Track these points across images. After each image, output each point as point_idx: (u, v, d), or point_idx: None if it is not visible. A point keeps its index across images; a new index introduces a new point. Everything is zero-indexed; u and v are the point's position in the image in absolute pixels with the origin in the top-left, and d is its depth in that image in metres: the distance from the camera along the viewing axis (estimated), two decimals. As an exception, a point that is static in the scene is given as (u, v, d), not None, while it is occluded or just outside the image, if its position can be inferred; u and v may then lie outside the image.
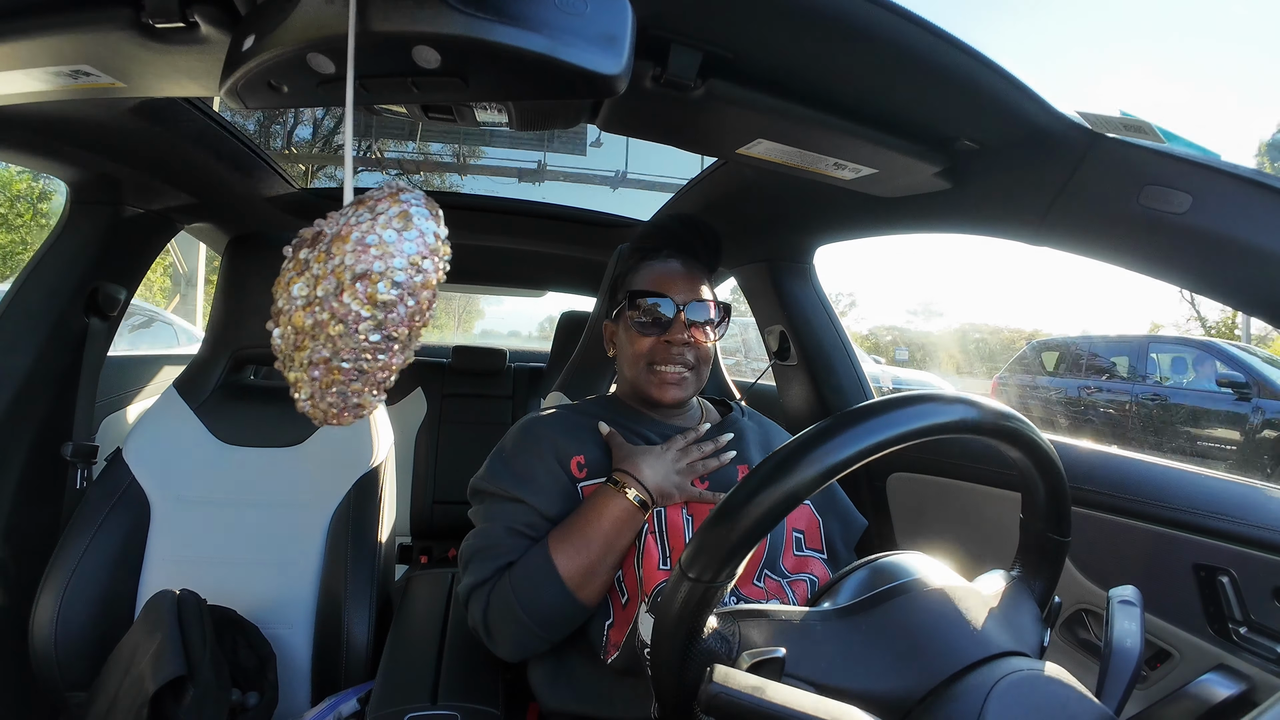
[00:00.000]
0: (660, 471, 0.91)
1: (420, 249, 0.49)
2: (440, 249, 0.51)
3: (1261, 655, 0.82)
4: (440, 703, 0.93)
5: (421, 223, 0.50)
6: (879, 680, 0.54)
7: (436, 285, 0.52)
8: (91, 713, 1.03)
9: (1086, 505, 1.01)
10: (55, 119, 0.99)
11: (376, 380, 0.52)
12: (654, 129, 0.85)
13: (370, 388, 0.52)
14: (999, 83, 0.70)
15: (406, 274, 0.49)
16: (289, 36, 0.52)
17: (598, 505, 0.88)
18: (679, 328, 0.99)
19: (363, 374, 0.51)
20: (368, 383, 0.52)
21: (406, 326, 0.50)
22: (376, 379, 0.52)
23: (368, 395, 0.53)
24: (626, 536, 0.87)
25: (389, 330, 0.49)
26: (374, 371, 0.51)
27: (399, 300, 0.49)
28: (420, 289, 0.49)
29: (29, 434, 1.23)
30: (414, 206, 0.50)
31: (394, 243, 0.48)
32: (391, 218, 0.49)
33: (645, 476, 0.89)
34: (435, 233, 0.51)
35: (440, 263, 0.51)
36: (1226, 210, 0.70)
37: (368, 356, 0.50)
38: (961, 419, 0.55)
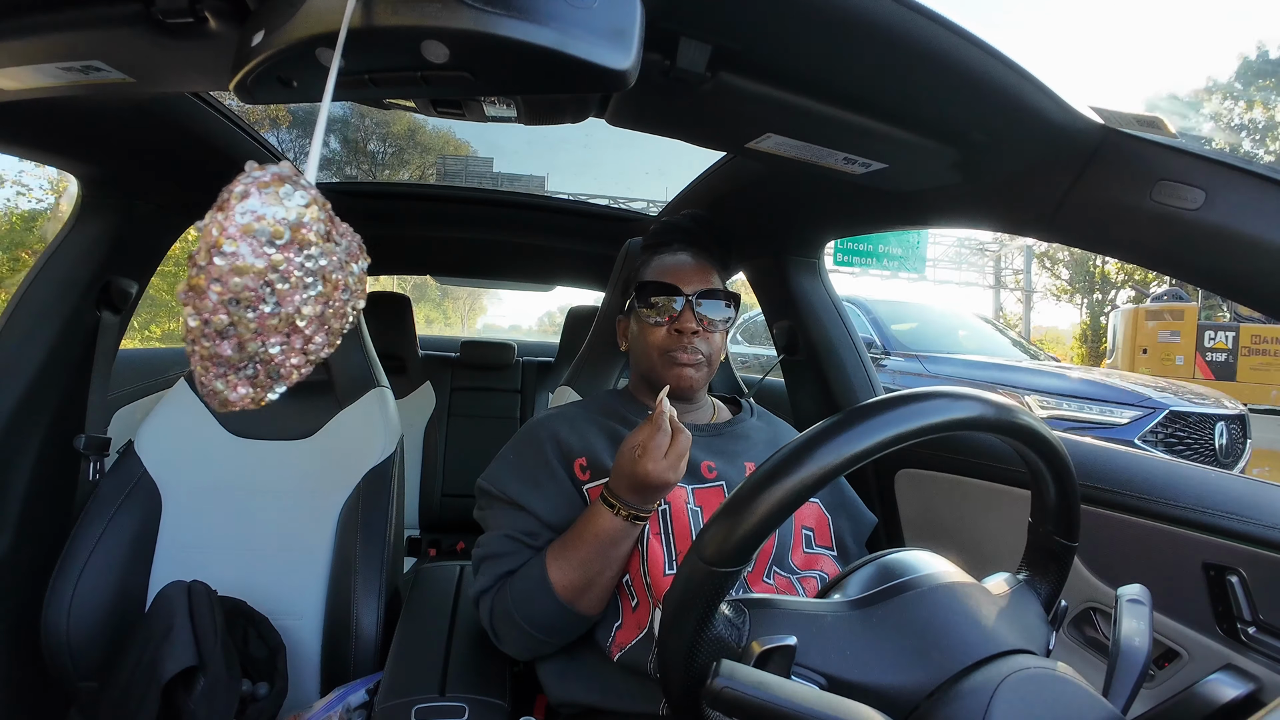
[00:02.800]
0: (646, 490, 0.83)
1: (228, 230, 0.45)
2: (265, 230, 0.46)
3: (1270, 656, 0.82)
4: (448, 694, 0.94)
5: (240, 203, 0.45)
6: (888, 674, 0.54)
7: (274, 273, 0.46)
8: (103, 702, 1.05)
9: (1095, 503, 1.01)
10: (66, 114, 1.00)
11: (216, 370, 0.49)
12: (662, 123, 0.85)
13: (214, 376, 0.49)
14: (1011, 77, 0.70)
15: (208, 257, 0.45)
16: (298, 31, 0.52)
17: (591, 522, 0.86)
18: (689, 316, 0.99)
19: (202, 359, 0.48)
20: (209, 370, 0.49)
21: (223, 313, 0.46)
22: (214, 368, 0.48)
23: (215, 381, 0.49)
24: (623, 548, 0.86)
25: (204, 315, 0.46)
26: (205, 357, 0.48)
27: (206, 285, 0.45)
28: (228, 274, 0.45)
29: (42, 427, 1.24)
30: (240, 185, 0.45)
31: (208, 224, 0.45)
32: (219, 200, 0.45)
33: (632, 498, 0.84)
34: (257, 213, 0.46)
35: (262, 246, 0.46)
36: (1240, 206, 0.69)
37: (195, 340, 0.47)
38: (979, 416, 0.55)
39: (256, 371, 0.50)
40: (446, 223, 1.97)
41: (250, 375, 0.50)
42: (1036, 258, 20.18)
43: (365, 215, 1.77)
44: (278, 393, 0.51)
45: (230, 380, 0.49)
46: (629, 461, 0.82)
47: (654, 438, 0.81)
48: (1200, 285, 0.81)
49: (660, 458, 0.80)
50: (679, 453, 0.82)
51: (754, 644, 0.52)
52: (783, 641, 0.51)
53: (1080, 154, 0.78)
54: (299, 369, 0.51)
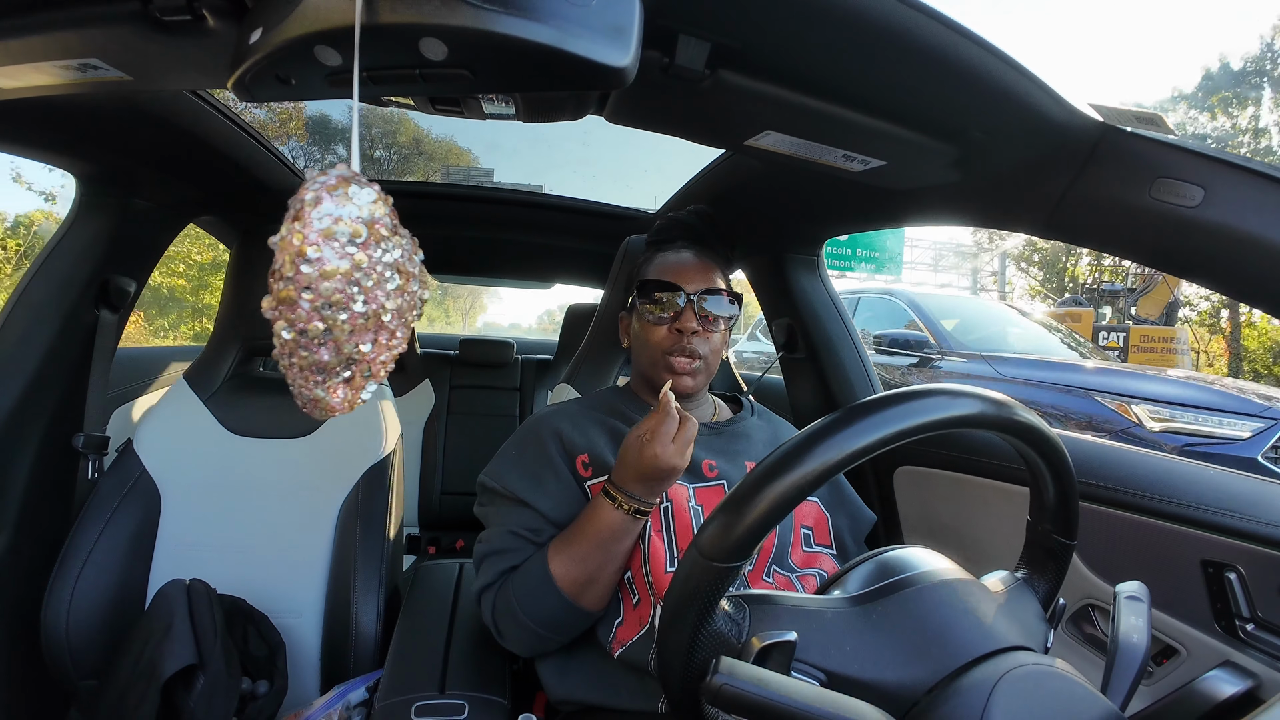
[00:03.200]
0: (654, 476, 0.83)
1: (308, 237, 0.46)
2: (344, 232, 0.46)
3: (1268, 653, 0.82)
4: (448, 692, 0.94)
5: (313, 209, 0.46)
6: (887, 670, 0.54)
7: (358, 273, 0.47)
8: (103, 701, 1.05)
9: (1094, 500, 1.01)
10: (64, 113, 1.00)
11: (314, 377, 0.50)
12: (661, 120, 0.85)
13: (313, 384, 0.50)
14: (1010, 74, 0.69)
15: (295, 267, 0.46)
16: (296, 29, 0.52)
17: (594, 517, 0.86)
18: (691, 316, 0.99)
19: (300, 371, 0.49)
20: (308, 380, 0.50)
21: (318, 320, 0.47)
22: (313, 375, 0.50)
23: (316, 390, 0.50)
24: (625, 543, 0.87)
25: (300, 325, 0.47)
26: (305, 368, 0.49)
27: (297, 295, 0.46)
28: (318, 280, 0.46)
29: (41, 425, 1.24)
30: (310, 192, 0.46)
31: (287, 235, 0.45)
32: (291, 209, 0.46)
33: (638, 488, 0.84)
34: (334, 215, 0.46)
35: (345, 248, 0.47)
36: (1239, 204, 0.69)
37: (293, 353, 0.48)
38: (978, 413, 0.55)
39: (353, 373, 0.51)
40: (446, 221, 1.97)
41: (348, 378, 0.51)
42: (1012, 260, 20.32)
43: None
44: (369, 392, 0.53)
45: (330, 385, 0.51)
46: (636, 448, 0.83)
47: (663, 423, 0.82)
48: (1199, 282, 0.81)
49: (669, 442, 0.81)
50: (686, 439, 0.82)
51: (754, 640, 0.52)
52: (783, 637, 0.51)
53: (1079, 151, 0.78)
54: (385, 365, 0.52)
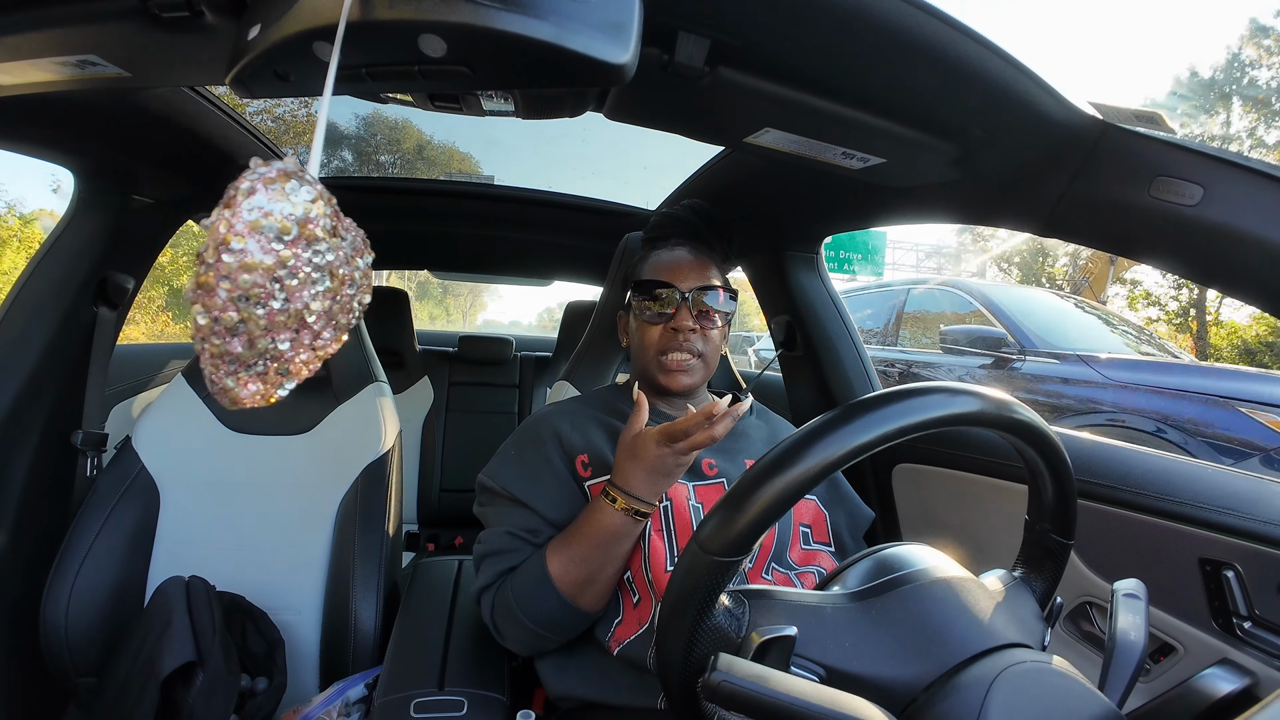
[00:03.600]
0: (651, 479, 0.84)
1: (234, 227, 0.45)
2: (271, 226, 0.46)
3: (1266, 651, 0.82)
4: (447, 688, 0.94)
5: (246, 199, 0.45)
6: (886, 666, 0.54)
7: (283, 269, 0.46)
8: (101, 698, 1.05)
9: (1092, 498, 1.01)
10: (62, 109, 0.99)
11: (225, 367, 0.49)
12: (661, 118, 0.85)
13: (224, 373, 0.49)
14: (1010, 72, 0.69)
15: (216, 255, 0.45)
16: (294, 25, 0.52)
17: (593, 518, 0.86)
18: (686, 315, 0.98)
19: (211, 357, 0.48)
20: (219, 367, 0.49)
21: (232, 310, 0.46)
22: (224, 365, 0.49)
23: (225, 380, 0.49)
24: (625, 545, 0.86)
25: (214, 313, 0.46)
26: (215, 355, 0.48)
27: (215, 283, 0.45)
28: (237, 270, 0.45)
29: (39, 423, 1.24)
30: (246, 182, 0.46)
31: (215, 221, 0.45)
32: (225, 197, 0.46)
33: (636, 487, 0.84)
34: (264, 209, 0.46)
35: (270, 243, 0.46)
36: (1238, 203, 0.69)
37: (205, 338, 0.47)
38: (977, 411, 0.55)
39: (266, 368, 0.50)
40: (445, 218, 1.97)
41: (260, 372, 0.50)
42: (993, 260, 20.51)
43: (363, 210, 1.77)
44: (287, 389, 0.51)
45: (241, 377, 0.49)
46: (632, 449, 0.83)
47: (635, 422, 0.84)
48: (1198, 281, 0.81)
49: (665, 443, 0.81)
50: (693, 443, 0.80)
51: (754, 634, 0.52)
52: (783, 632, 0.51)
53: (1079, 150, 0.78)
54: (308, 365, 0.51)
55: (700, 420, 0.77)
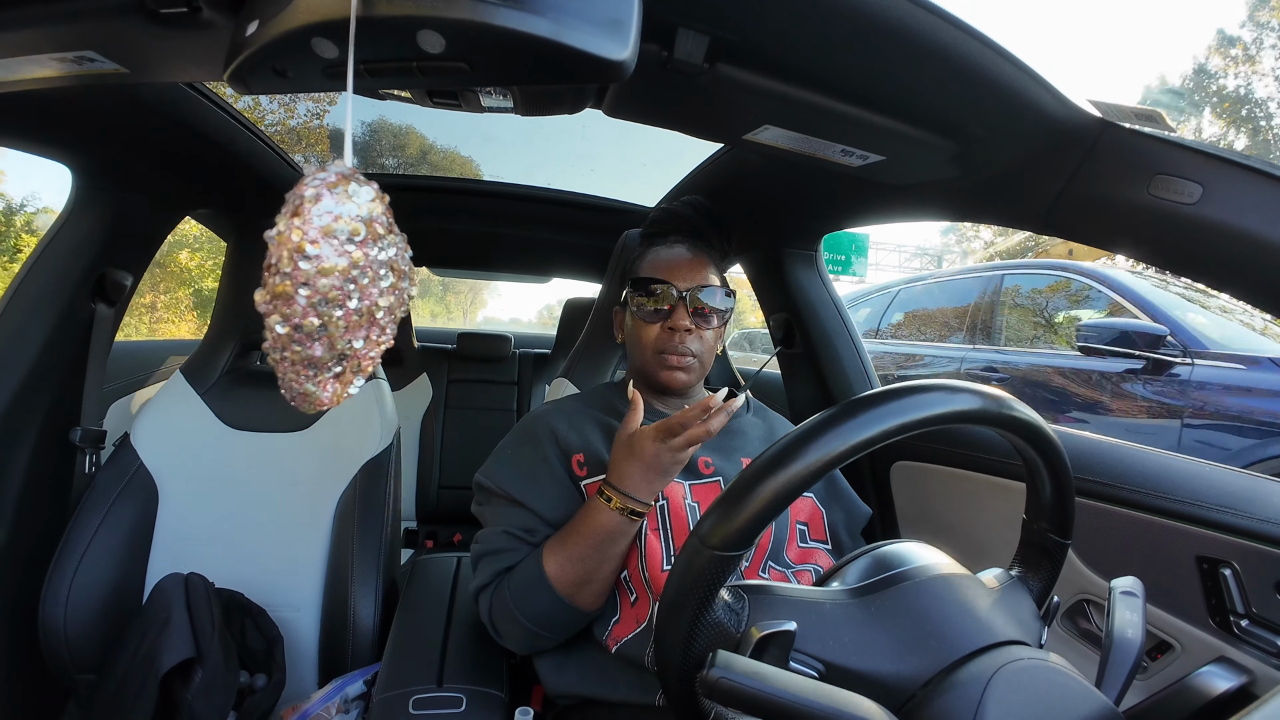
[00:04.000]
0: (648, 478, 0.83)
1: (307, 234, 0.46)
2: (344, 229, 0.47)
3: (1263, 649, 0.82)
4: (445, 685, 0.94)
5: (314, 205, 0.46)
6: (884, 662, 0.54)
7: (356, 270, 0.48)
8: (101, 695, 1.05)
9: (1090, 496, 1.01)
10: (60, 105, 0.99)
11: (306, 372, 0.51)
12: (660, 114, 0.85)
13: (305, 379, 0.51)
14: (1009, 70, 0.69)
15: (293, 263, 0.46)
16: (293, 21, 0.52)
17: (588, 518, 0.86)
18: (683, 313, 0.98)
19: (292, 365, 0.50)
20: (299, 374, 0.51)
21: (313, 315, 0.47)
22: (305, 370, 0.50)
23: (307, 385, 0.51)
24: (621, 544, 0.86)
25: (294, 320, 0.47)
26: (298, 362, 0.50)
27: (294, 290, 0.46)
28: (315, 276, 0.46)
29: (37, 420, 1.24)
30: (309, 189, 0.47)
31: (285, 231, 0.46)
32: (288, 205, 0.47)
33: (632, 486, 0.83)
34: (334, 213, 0.47)
35: (344, 245, 0.47)
36: (1238, 201, 0.69)
37: (285, 348, 0.49)
38: (977, 409, 0.55)
39: (344, 368, 0.51)
40: (443, 215, 1.96)
41: (338, 373, 0.51)
42: (974, 259, 20.72)
43: None
44: (358, 386, 0.53)
45: (321, 380, 0.51)
46: (626, 448, 0.83)
47: (631, 421, 0.84)
48: (1197, 280, 0.81)
49: (657, 441, 0.81)
50: (689, 439, 0.80)
51: (753, 629, 0.52)
52: (782, 627, 0.51)
53: (1078, 148, 0.78)
54: (374, 360, 0.53)
55: (696, 414, 0.77)
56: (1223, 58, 18.63)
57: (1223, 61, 18.65)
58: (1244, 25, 18.95)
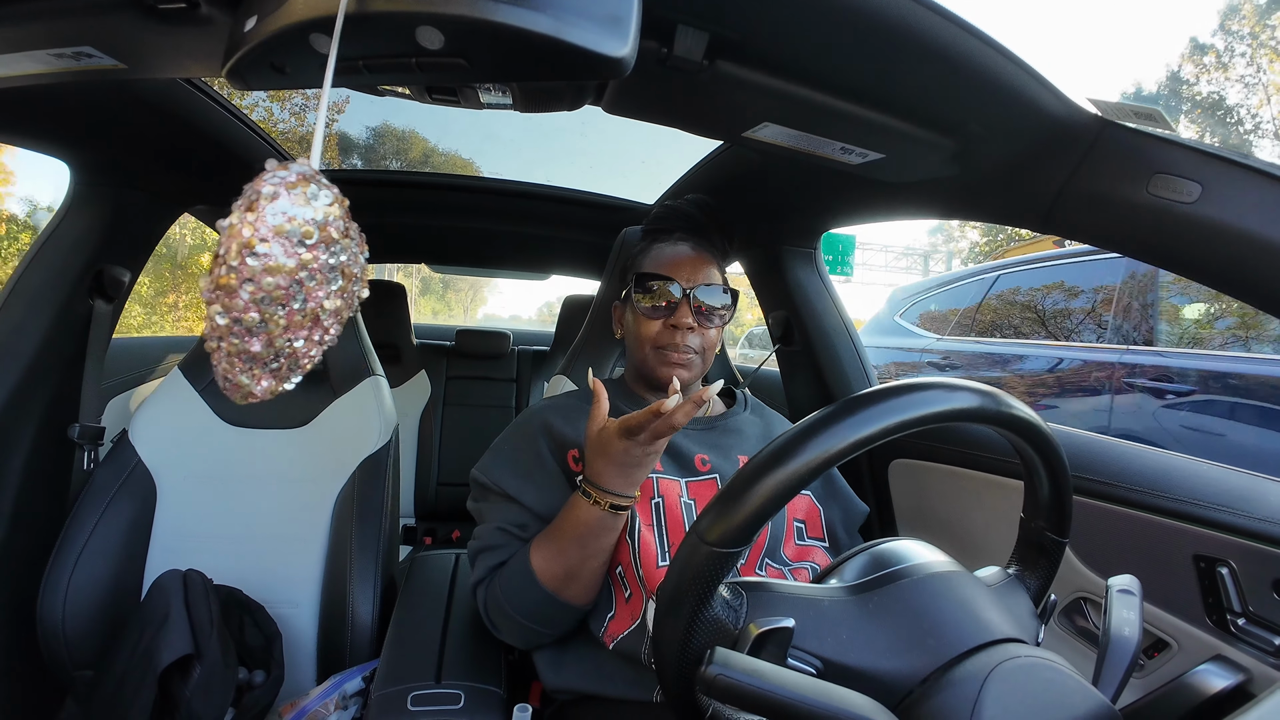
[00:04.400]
0: (622, 473, 0.82)
1: (259, 231, 0.46)
2: (297, 230, 0.47)
3: (1260, 647, 0.83)
4: (444, 681, 0.94)
5: (268, 204, 0.47)
6: (882, 659, 0.54)
7: (304, 272, 0.48)
8: (99, 691, 1.05)
9: (1088, 494, 1.01)
10: (57, 101, 0.99)
11: (241, 365, 0.51)
12: (659, 111, 0.85)
13: (240, 370, 0.51)
14: (1009, 68, 0.69)
15: (240, 258, 0.46)
16: (291, 16, 0.51)
17: (571, 513, 0.85)
18: (685, 311, 0.98)
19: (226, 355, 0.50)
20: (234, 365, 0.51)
21: (254, 311, 0.47)
22: (240, 363, 0.50)
23: (240, 376, 0.51)
24: (607, 539, 0.85)
25: (234, 314, 0.47)
26: (233, 354, 0.50)
27: (238, 285, 0.46)
28: (261, 274, 0.46)
29: (36, 416, 1.24)
30: (267, 186, 0.47)
31: (236, 224, 0.46)
32: (242, 199, 0.47)
33: (610, 482, 0.82)
34: (288, 214, 0.47)
35: (294, 247, 0.47)
36: (1237, 201, 0.69)
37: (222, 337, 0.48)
38: (975, 407, 0.55)
39: (280, 364, 0.51)
40: (441, 211, 1.96)
41: (275, 368, 0.51)
42: (960, 259, 21.03)
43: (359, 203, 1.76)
44: (294, 382, 0.53)
45: (255, 374, 0.51)
46: (596, 442, 0.82)
47: (597, 411, 0.82)
48: (1196, 279, 0.81)
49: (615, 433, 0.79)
50: (655, 432, 0.78)
51: (751, 626, 0.52)
52: (781, 623, 0.51)
53: (1077, 146, 0.78)
54: (314, 359, 0.53)
55: (651, 414, 0.74)
56: (1195, 65, 19.11)
57: (1195, 69, 19.16)
58: (1215, 34, 19.66)
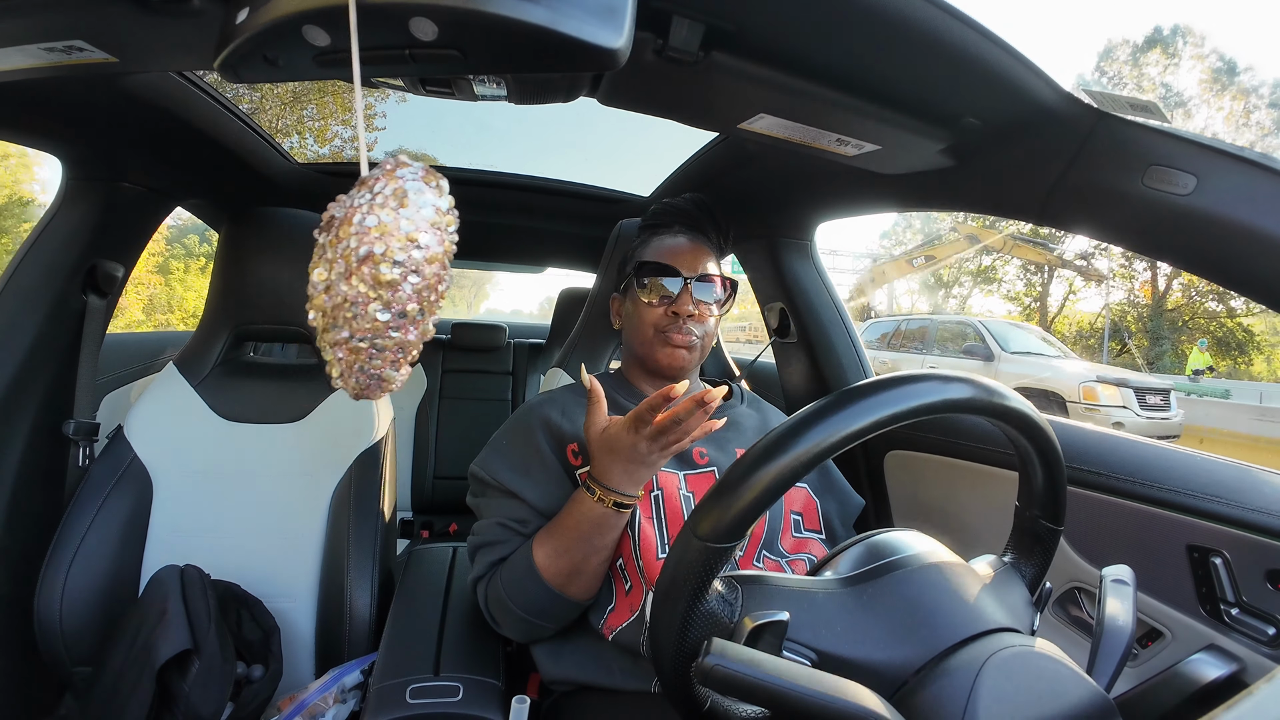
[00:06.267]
0: (629, 470, 0.82)
1: (418, 225, 0.50)
2: (443, 221, 0.52)
3: (1253, 637, 0.83)
4: (443, 674, 0.94)
5: (418, 198, 0.50)
6: (878, 650, 0.55)
7: (445, 257, 0.53)
8: (97, 687, 1.05)
9: (1081, 485, 1.02)
10: (49, 95, 0.98)
11: (394, 356, 0.55)
12: (654, 103, 0.84)
13: (390, 363, 0.55)
14: (1005, 59, 0.69)
15: (406, 252, 0.50)
16: (284, 8, 0.51)
17: (575, 510, 0.85)
18: (687, 298, 0.99)
19: (380, 351, 0.53)
20: (386, 359, 0.54)
21: (416, 302, 0.51)
22: (394, 355, 0.55)
23: (388, 370, 0.55)
24: (609, 535, 0.85)
25: (398, 307, 0.51)
26: (390, 348, 0.54)
27: (403, 279, 0.50)
28: (424, 264, 0.50)
29: (30, 413, 1.23)
30: (409, 182, 0.51)
31: (391, 222, 0.49)
32: (388, 197, 0.50)
33: (616, 482, 0.82)
34: (435, 205, 0.52)
35: (445, 235, 0.53)
36: (1231, 193, 0.69)
37: (381, 334, 0.52)
38: (970, 398, 0.56)
39: (406, 352, 0.56)
40: None
41: (408, 356, 0.56)
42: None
43: None
44: (410, 369, 0.58)
45: (400, 364, 0.56)
46: (599, 440, 0.82)
47: (594, 410, 0.83)
48: (1191, 271, 0.81)
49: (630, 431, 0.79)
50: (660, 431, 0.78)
51: (746, 619, 0.52)
52: (775, 617, 0.52)
53: (1073, 138, 0.78)
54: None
55: (662, 397, 0.74)
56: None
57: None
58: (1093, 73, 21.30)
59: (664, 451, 0.79)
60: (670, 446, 0.78)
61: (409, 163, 0.52)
